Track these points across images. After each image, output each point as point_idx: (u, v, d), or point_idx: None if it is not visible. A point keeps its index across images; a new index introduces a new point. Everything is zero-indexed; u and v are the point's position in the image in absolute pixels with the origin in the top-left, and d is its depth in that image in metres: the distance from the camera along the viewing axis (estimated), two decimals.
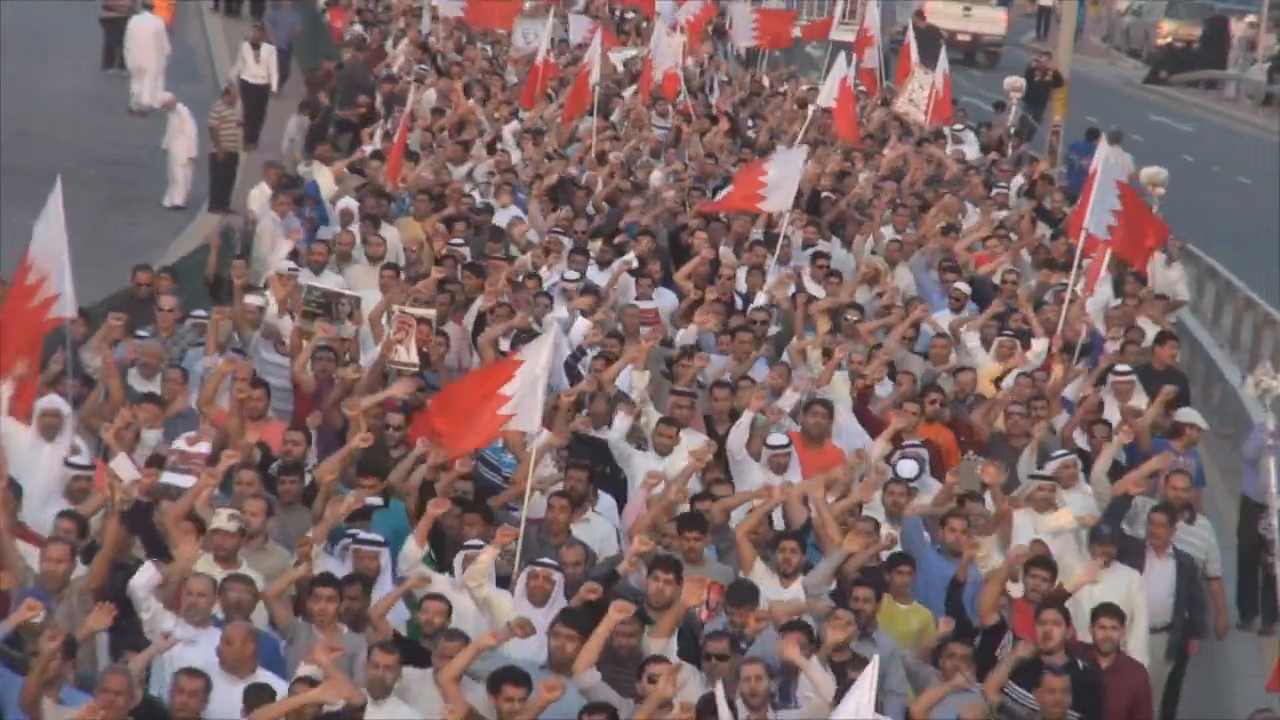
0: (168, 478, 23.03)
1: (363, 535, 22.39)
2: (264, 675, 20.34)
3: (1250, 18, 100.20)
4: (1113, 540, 23.55)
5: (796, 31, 67.89)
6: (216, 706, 19.57)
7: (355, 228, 36.08)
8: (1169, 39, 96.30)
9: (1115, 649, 21.42)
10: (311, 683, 19.86)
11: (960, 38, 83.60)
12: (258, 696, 19.98)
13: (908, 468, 25.09)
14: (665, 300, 34.05)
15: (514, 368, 22.84)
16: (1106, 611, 21.41)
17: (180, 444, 23.82)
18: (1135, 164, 49.69)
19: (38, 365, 26.00)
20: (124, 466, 23.29)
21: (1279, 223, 62.06)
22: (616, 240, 36.67)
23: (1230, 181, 70.36)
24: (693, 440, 25.82)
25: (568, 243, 35.31)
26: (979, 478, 24.75)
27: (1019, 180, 47.80)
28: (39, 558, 21.52)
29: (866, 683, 15.86)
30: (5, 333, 25.50)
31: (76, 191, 48.47)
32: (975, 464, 25.39)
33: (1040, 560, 22.35)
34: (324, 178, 39.90)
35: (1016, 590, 22.70)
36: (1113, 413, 28.85)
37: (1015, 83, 63.43)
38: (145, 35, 60.41)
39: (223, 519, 21.43)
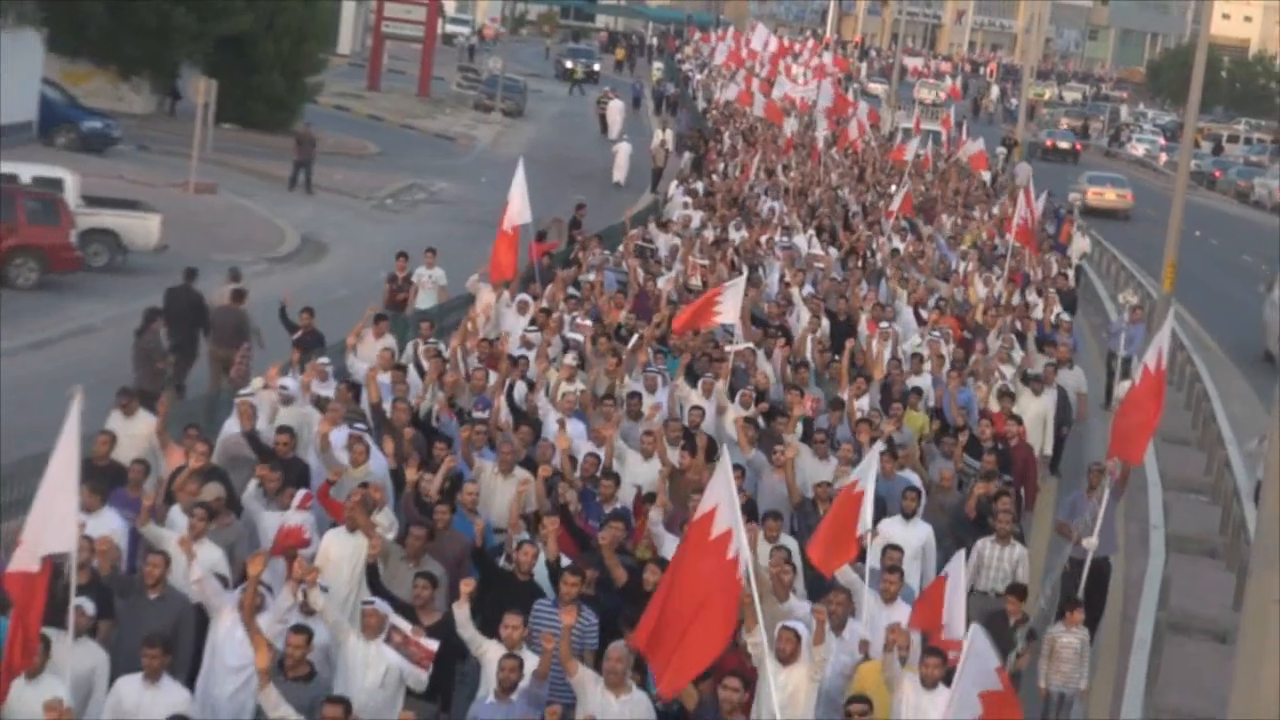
0: (567, 333, 19.72)
1: (651, 368, 18.39)
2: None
3: (1100, 118, 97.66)
4: (1041, 379, 21.43)
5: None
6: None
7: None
8: (1065, 125, 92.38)
9: (1017, 435, 18.34)
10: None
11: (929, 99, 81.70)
12: None
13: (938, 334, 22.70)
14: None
15: (719, 292, 20.35)
16: (1013, 418, 19.26)
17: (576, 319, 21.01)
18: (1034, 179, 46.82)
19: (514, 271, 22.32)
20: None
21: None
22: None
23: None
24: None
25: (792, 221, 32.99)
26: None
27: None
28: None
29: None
30: (502, 244, 22.15)
31: (584, 182, 48.03)
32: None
33: (1007, 393, 20.14)
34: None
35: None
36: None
37: (999, 149, 61.45)
38: (616, 109, 59.65)
39: (568, 358, 18.18)
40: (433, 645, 10.69)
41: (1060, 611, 14.46)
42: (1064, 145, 76.46)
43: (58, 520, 9.89)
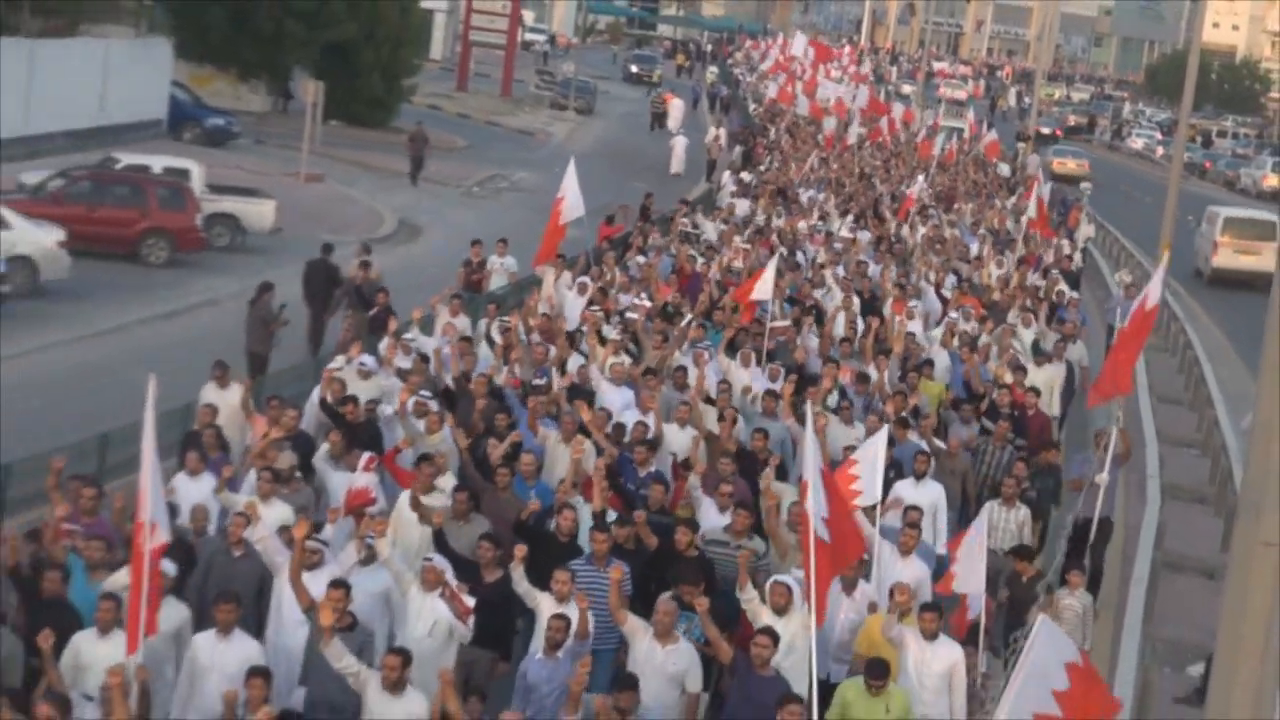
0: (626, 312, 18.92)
1: (700, 344, 17.50)
2: None
3: (1104, 116, 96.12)
4: (1048, 355, 20.79)
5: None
6: None
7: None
8: (1072, 121, 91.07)
9: (1035, 404, 17.73)
10: None
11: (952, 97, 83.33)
12: None
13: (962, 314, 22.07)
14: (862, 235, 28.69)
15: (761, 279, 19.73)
16: (1031, 389, 18.65)
17: (631, 299, 20.44)
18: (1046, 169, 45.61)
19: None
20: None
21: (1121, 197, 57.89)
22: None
23: (1098, 177, 66.24)
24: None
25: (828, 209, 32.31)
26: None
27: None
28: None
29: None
30: (549, 234, 21.50)
31: (645, 172, 47.60)
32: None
33: (1019, 366, 19.55)
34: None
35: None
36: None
37: (1019, 144, 60.41)
38: (677, 107, 58.67)
39: (614, 333, 17.51)
40: (470, 602, 10.46)
41: (1062, 575, 13.92)
42: (1045, 130, 79.03)
43: (157, 498, 9.48)
